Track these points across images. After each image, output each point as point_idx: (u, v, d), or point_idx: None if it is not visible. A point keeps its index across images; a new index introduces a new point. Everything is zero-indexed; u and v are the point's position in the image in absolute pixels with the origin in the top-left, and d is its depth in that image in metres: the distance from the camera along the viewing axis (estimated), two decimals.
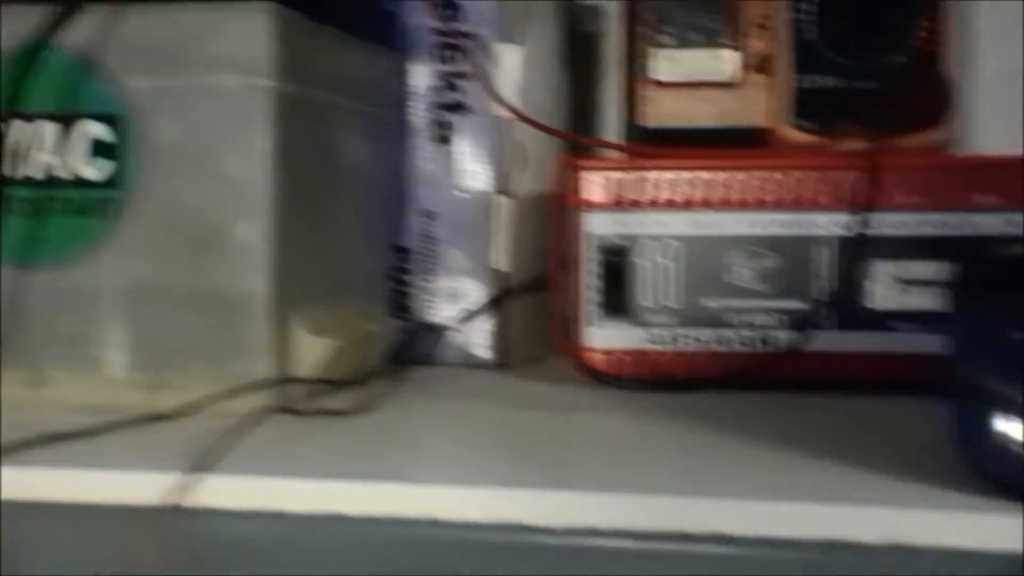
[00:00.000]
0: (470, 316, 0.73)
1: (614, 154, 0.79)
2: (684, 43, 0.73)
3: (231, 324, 0.56)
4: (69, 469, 0.46)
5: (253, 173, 0.56)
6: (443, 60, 0.73)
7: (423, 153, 0.74)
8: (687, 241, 0.64)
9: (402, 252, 0.74)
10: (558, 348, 0.66)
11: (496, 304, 0.73)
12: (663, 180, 0.64)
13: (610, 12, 0.87)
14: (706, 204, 0.64)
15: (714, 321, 0.64)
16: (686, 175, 0.64)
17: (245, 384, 0.56)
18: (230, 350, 0.56)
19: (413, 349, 0.71)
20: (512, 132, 0.73)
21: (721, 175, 0.63)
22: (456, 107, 0.73)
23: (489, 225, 0.73)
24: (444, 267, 0.74)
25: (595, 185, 0.65)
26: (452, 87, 0.73)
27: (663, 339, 0.64)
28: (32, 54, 0.53)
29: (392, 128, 0.71)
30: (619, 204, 0.64)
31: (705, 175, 0.63)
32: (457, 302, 0.74)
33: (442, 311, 0.74)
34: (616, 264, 0.65)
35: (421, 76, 0.73)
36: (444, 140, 0.73)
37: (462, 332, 0.73)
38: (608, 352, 0.64)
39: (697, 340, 0.64)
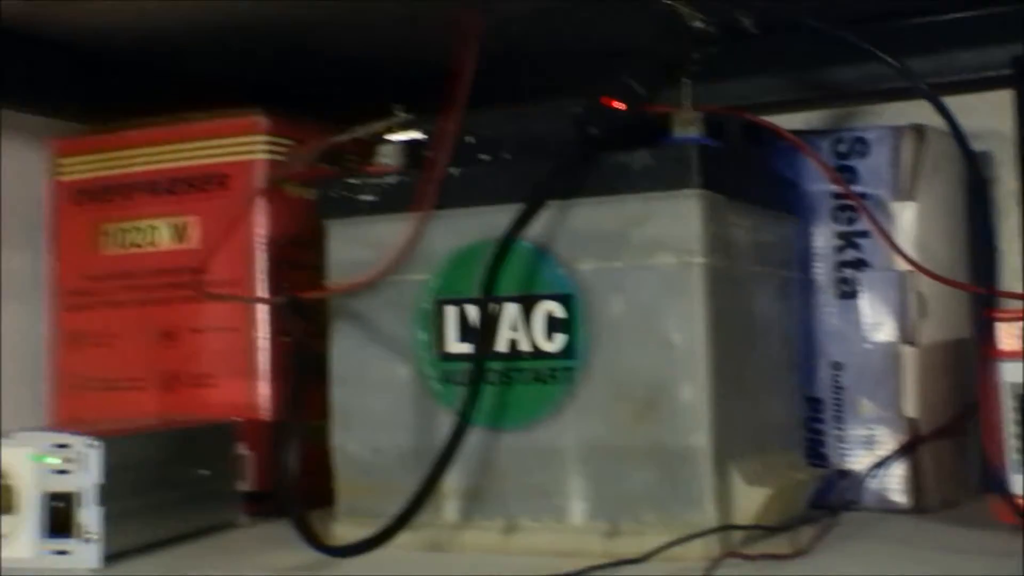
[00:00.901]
0: (883, 462, 0.76)
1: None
2: None
3: (678, 476, 0.63)
4: None
5: (691, 340, 0.63)
6: (842, 221, 0.78)
7: (829, 308, 0.78)
8: None
9: (815, 402, 0.78)
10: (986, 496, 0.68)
11: (908, 450, 0.76)
12: None
13: (1001, 158, 0.90)
14: None
15: None
16: None
17: (694, 532, 0.61)
18: (678, 500, 0.63)
19: (830, 496, 0.75)
20: (913, 284, 0.77)
21: None
22: (858, 264, 0.78)
23: (897, 374, 0.77)
24: (855, 416, 0.77)
25: (1010, 335, 0.67)
26: (853, 245, 0.78)
27: None
28: (504, 247, 0.62)
29: (799, 287, 0.77)
30: None
31: None
32: (871, 449, 0.77)
33: (856, 458, 0.77)
34: None
35: (823, 236, 0.79)
36: (848, 295, 0.78)
37: (877, 478, 0.76)
38: None
39: None
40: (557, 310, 0.65)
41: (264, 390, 0.83)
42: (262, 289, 0.83)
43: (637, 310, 0.64)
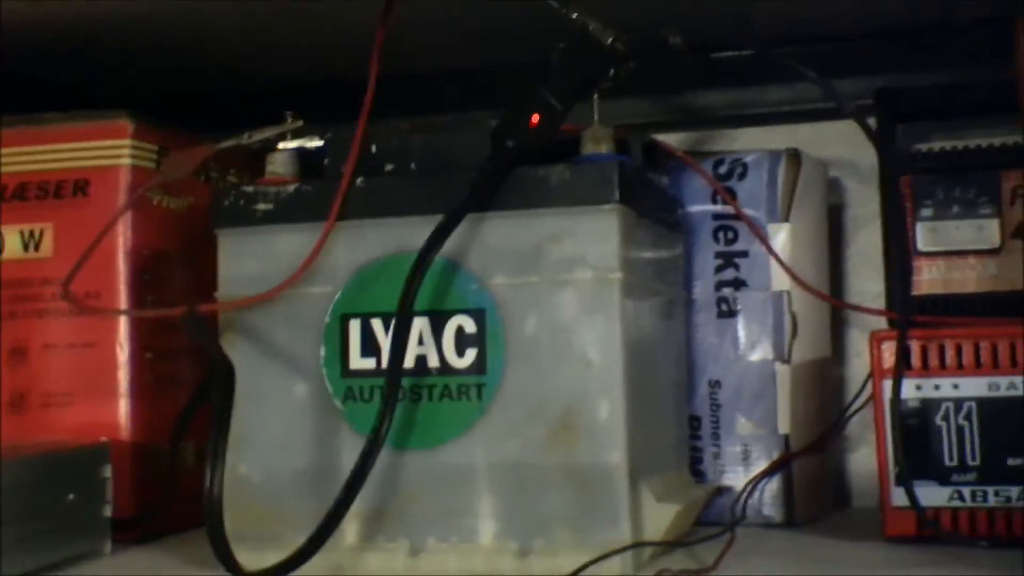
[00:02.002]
0: (759, 478, 0.78)
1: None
2: (947, 215, 0.78)
3: (592, 495, 0.62)
4: None
5: (608, 357, 0.63)
6: (722, 241, 0.80)
7: (707, 327, 0.80)
8: (981, 403, 0.69)
9: (693, 420, 0.79)
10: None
11: (782, 466, 0.78)
12: (951, 346, 0.69)
13: (847, 185, 0.94)
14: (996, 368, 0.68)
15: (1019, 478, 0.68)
16: (977, 341, 0.69)
17: (608, 549, 0.61)
18: (593, 518, 0.62)
19: (709, 512, 0.76)
20: (787, 304, 0.79)
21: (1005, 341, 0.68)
22: (736, 283, 0.79)
23: (772, 391, 0.79)
24: (731, 433, 0.79)
25: (890, 354, 0.70)
26: (732, 265, 0.80)
27: (965, 497, 0.68)
28: (424, 261, 0.61)
29: (683, 305, 0.78)
30: (915, 371, 0.69)
31: (988, 342, 0.68)
32: (746, 465, 0.79)
33: (733, 475, 0.79)
34: (915, 427, 0.69)
35: (703, 256, 0.80)
36: (726, 314, 0.80)
37: (751, 493, 0.78)
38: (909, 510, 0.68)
39: (1000, 497, 0.68)
40: (469, 325, 0.64)
41: (125, 409, 0.78)
42: (123, 303, 0.78)
43: (553, 327, 0.63)
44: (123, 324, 0.78)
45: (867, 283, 0.93)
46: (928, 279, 0.80)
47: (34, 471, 0.66)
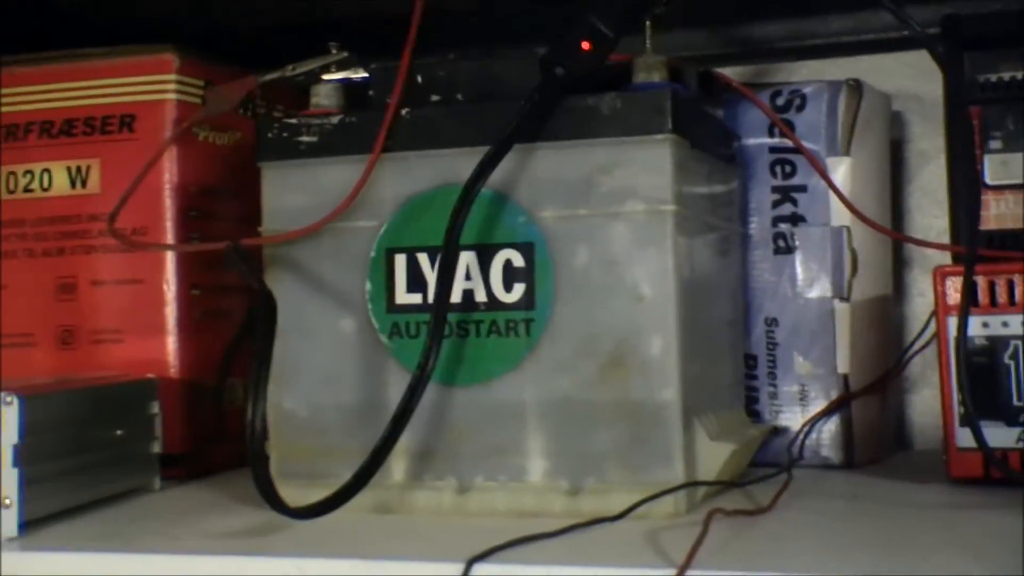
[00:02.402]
0: (817, 419, 0.76)
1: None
2: (1016, 147, 0.75)
3: (645, 433, 0.61)
4: (549, 566, 0.50)
5: (661, 292, 0.61)
6: (779, 175, 0.77)
7: (763, 264, 0.77)
8: None
9: (749, 359, 0.77)
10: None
11: (840, 407, 0.76)
12: (1020, 282, 0.66)
13: (911, 119, 0.91)
14: None
15: None
16: None
17: (660, 489, 0.59)
18: (645, 457, 0.61)
19: (767, 452, 0.75)
20: (847, 240, 0.77)
21: None
22: (794, 219, 0.77)
23: (830, 330, 0.76)
24: (788, 372, 0.77)
25: (955, 291, 0.67)
26: (790, 200, 0.77)
27: None
28: (469, 195, 0.59)
29: (739, 241, 0.75)
30: (982, 308, 0.67)
31: None
32: (803, 405, 0.77)
33: (789, 415, 0.77)
34: (982, 366, 0.67)
35: (759, 191, 0.78)
36: (783, 251, 0.77)
37: (808, 434, 0.76)
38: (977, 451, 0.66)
39: None
40: (517, 259, 0.62)
41: (173, 346, 0.77)
42: (170, 239, 0.77)
43: (604, 261, 0.61)
44: (170, 260, 0.78)
45: (931, 220, 0.90)
46: (996, 214, 0.77)
47: (83, 405, 0.66)
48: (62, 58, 0.80)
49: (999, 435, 0.66)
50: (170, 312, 0.77)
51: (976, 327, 0.66)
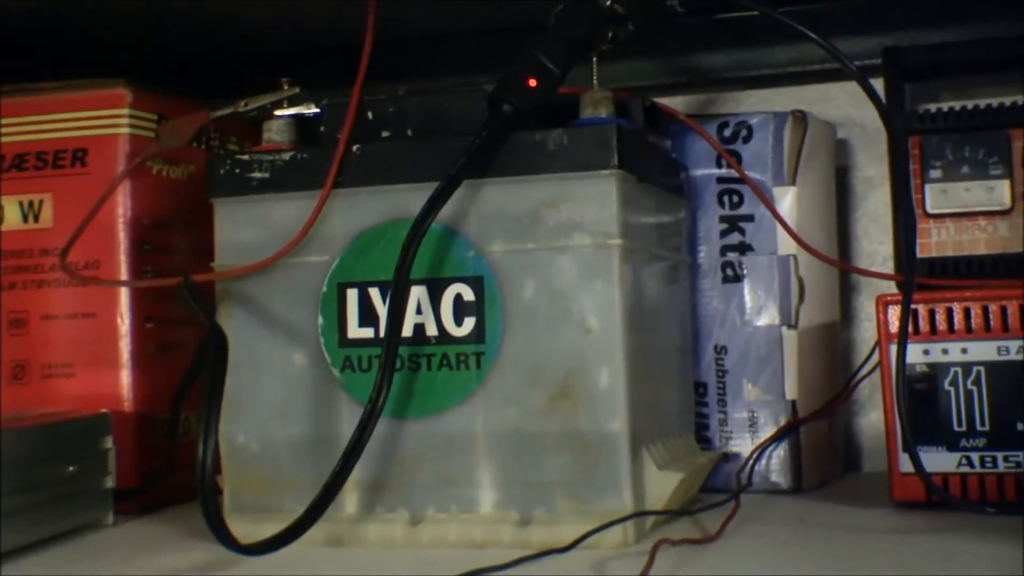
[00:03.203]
0: (766, 445, 0.77)
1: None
2: (956, 176, 0.77)
3: (593, 463, 0.62)
4: None
5: (608, 323, 0.62)
6: (727, 205, 0.79)
7: (712, 292, 0.79)
8: (990, 367, 0.68)
9: (699, 386, 0.78)
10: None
11: (789, 432, 0.77)
12: (959, 309, 0.68)
13: (857, 146, 0.92)
14: (1005, 332, 0.67)
15: None
16: (986, 304, 0.67)
17: (609, 518, 0.60)
18: (594, 486, 0.61)
19: (715, 479, 0.76)
20: (794, 268, 0.78)
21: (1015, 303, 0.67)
22: (742, 248, 0.78)
23: (779, 356, 0.78)
24: (738, 399, 0.78)
25: (896, 318, 0.68)
26: (738, 229, 0.78)
27: (974, 462, 0.67)
28: (420, 228, 0.60)
29: (687, 270, 0.77)
30: (922, 335, 0.68)
31: (997, 304, 0.67)
32: (753, 432, 0.78)
33: (739, 441, 0.78)
34: (923, 392, 0.68)
35: (707, 220, 0.79)
36: (732, 279, 0.78)
37: (759, 460, 0.77)
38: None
39: (1009, 462, 0.67)
40: (467, 293, 0.63)
41: (126, 379, 0.77)
42: (123, 273, 0.78)
43: (551, 293, 0.62)
44: (123, 294, 0.78)
45: (877, 245, 0.92)
46: (937, 241, 0.79)
47: (35, 442, 0.66)
48: (13, 92, 0.80)
49: (939, 460, 0.67)
50: (124, 345, 0.78)
51: (916, 354, 0.68)
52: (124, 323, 0.77)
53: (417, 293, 0.64)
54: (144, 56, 0.91)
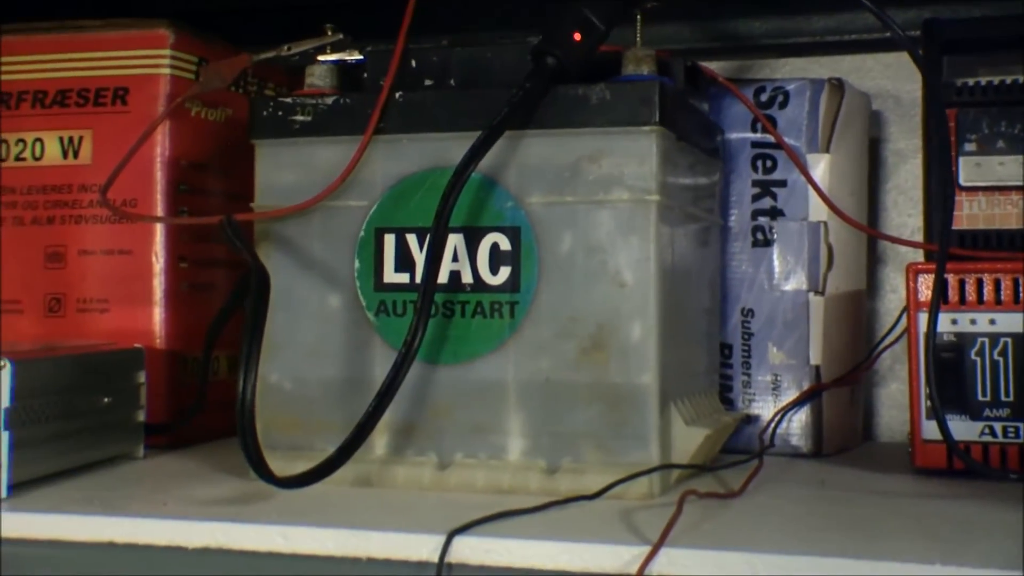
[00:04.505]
0: (788, 408, 0.78)
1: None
2: (990, 150, 0.77)
3: (622, 415, 0.62)
4: (527, 540, 0.52)
5: (642, 279, 0.62)
6: (760, 169, 0.79)
7: (742, 255, 0.79)
8: (1017, 338, 0.68)
9: (724, 348, 0.79)
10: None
11: (811, 397, 0.78)
12: (989, 281, 0.68)
13: (890, 118, 0.93)
14: None
15: None
16: (1016, 276, 0.68)
17: (636, 470, 0.61)
18: (622, 439, 0.62)
19: (737, 440, 0.76)
20: (824, 235, 0.78)
21: None
22: (773, 212, 0.79)
23: (805, 322, 0.78)
24: (762, 362, 0.79)
25: (926, 287, 0.69)
26: (769, 194, 0.79)
27: (997, 432, 0.68)
28: (461, 177, 0.60)
29: (719, 232, 0.77)
30: (952, 305, 0.69)
31: None
32: (775, 395, 0.79)
33: (761, 404, 0.79)
34: (950, 361, 0.69)
35: (740, 184, 0.79)
36: (762, 243, 0.79)
37: (779, 423, 0.78)
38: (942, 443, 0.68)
39: None
40: (504, 243, 0.64)
41: (159, 317, 0.79)
42: (159, 212, 0.79)
43: (588, 247, 0.63)
44: (159, 232, 0.79)
45: (905, 218, 0.92)
46: (968, 214, 0.79)
47: (72, 372, 0.67)
48: (57, 28, 0.81)
49: (963, 428, 0.68)
50: (157, 284, 0.79)
51: (945, 323, 0.68)
52: (159, 261, 0.78)
53: (454, 241, 0.64)
54: (186, 2, 0.91)
